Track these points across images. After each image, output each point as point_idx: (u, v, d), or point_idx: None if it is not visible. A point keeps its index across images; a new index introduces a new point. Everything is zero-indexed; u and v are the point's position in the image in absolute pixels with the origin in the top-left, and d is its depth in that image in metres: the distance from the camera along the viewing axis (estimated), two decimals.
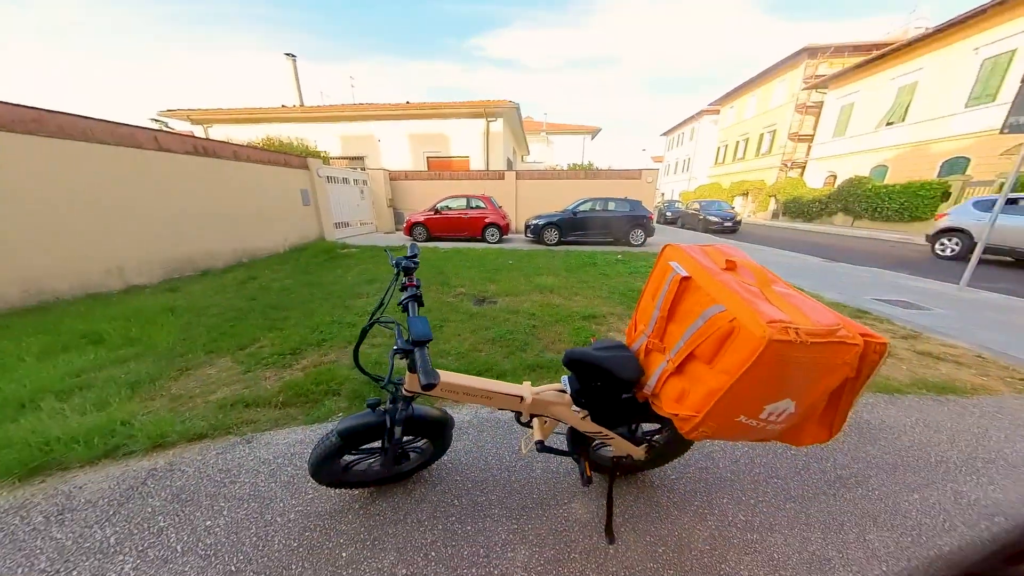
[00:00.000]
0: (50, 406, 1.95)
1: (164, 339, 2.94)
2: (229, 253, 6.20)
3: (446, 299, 4.21)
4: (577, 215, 9.31)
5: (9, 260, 3.58)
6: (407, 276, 1.20)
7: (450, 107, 12.77)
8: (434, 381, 0.84)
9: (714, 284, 0.89)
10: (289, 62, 15.42)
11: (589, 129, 27.09)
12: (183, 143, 5.40)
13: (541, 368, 2.50)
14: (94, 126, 4.24)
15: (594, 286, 4.88)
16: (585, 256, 7.19)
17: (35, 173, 3.77)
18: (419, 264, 1.24)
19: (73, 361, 2.49)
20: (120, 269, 4.60)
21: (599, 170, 12.17)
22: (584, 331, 3.21)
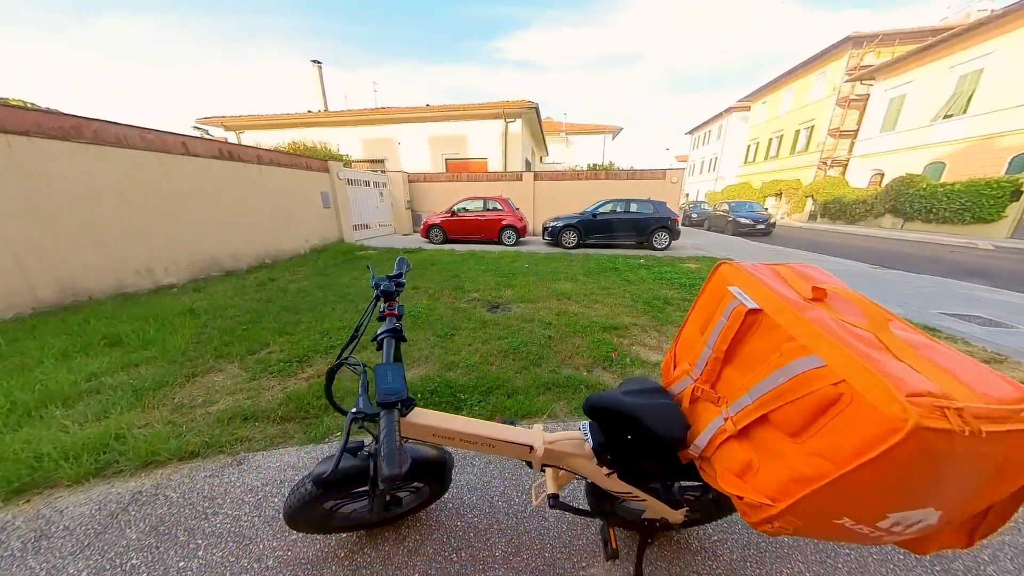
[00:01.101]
0: (53, 415, 1.92)
1: (178, 342, 2.93)
2: (253, 254, 6.34)
3: (459, 305, 4.05)
4: (597, 217, 8.97)
5: (46, 261, 3.74)
6: (387, 302, 0.92)
7: (469, 108, 12.74)
8: (398, 472, 0.59)
9: (801, 323, 0.64)
10: (315, 69, 15.94)
11: (610, 129, 26.46)
12: (209, 147, 5.56)
13: (557, 388, 2.27)
14: (126, 132, 4.40)
15: (615, 293, 4.58)
16: (605, 260, 6.86)
17: (71, 177, 3.93)
18: (404, 286, 0.97)
19: (88, 364, 2.50)
20: (150, 270, 4.76)
21: (620, 170, 11.73)
22: (605, 344, 2.94)
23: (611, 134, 26.52)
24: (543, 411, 2.03)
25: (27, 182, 3.62)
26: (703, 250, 8.90)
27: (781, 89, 23.33)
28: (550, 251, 8.30)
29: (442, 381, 2.29)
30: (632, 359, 2.68)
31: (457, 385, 2.25)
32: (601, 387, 2.27)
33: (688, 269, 6.11)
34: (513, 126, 12.86)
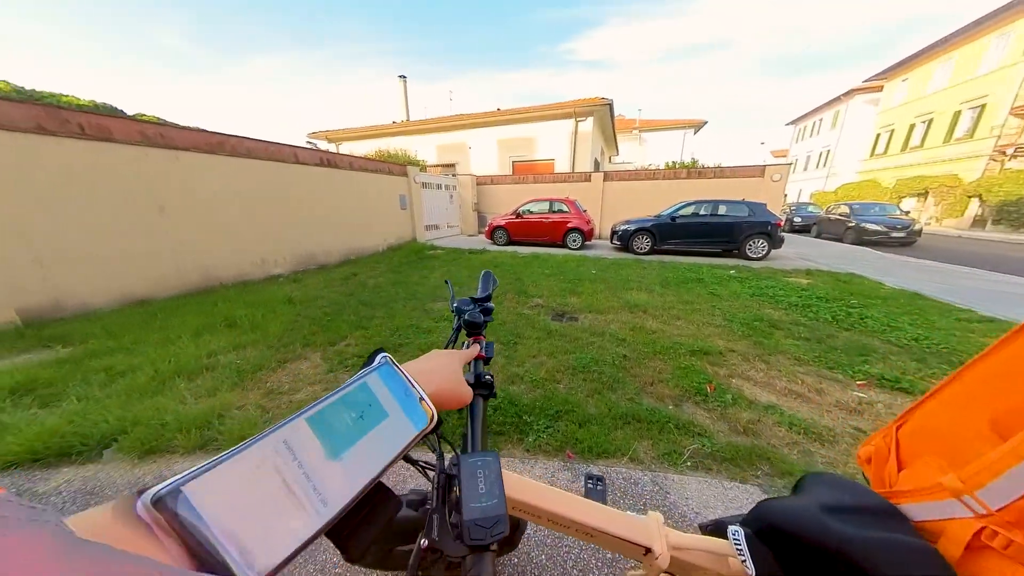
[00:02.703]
0: (178, 386, 2.24)
1: (277, 327, 3.30)
2: (341, 251, 7.10)
3: (522, 311, 3.88)
4: (676, 220, 8.04)
5: (193, 254, 4.61)
6: (471, 336, 0.63)
7: (539, 110, 12.63)
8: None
9: None
10: (401, 83, 17.53)
11: (691, 123, 23.95)
12: (313, 156, 6.35)
13: (638, 422, 1.92)
14: (254, 145, 5.23)
15: (701, 309, 3.93)
16: (686, 270, 6.05)
17: (214, 183, 4.80)
18: (493, 313, 0.67)
19: (211, 342, 2.93)
20: (264, 261, 5.60)
21: (706, 168, 10.40)
22: (695, 372, 2.46)
23: (692, 129, 24.02)
24: (622, 450, 1.71)
25: (186, 188, 4.49)
26: (813, 262, 7.34)
27: (933, 61, 18.40)
28: (619, 257, 7.69)
29: (506, 397, 2.12)
30: (734, 397, 2.17)
31: (522, 404, 2.06)
32: (695, 429, 1.85)
33: (797, 285, 5.02)
34: (584, 125, 12.38)
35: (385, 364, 0.33)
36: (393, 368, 0.34)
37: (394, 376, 0.33)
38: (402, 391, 0.33)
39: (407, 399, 0.32)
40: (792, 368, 2.57)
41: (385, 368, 0.33)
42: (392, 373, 0.33)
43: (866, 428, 1.89)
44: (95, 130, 3.70)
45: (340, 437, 0.27)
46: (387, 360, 0.34)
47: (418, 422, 0.32)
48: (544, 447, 1.73)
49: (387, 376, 0.33)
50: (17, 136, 3.25)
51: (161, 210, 4.29)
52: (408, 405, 0.32)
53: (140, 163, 4.07)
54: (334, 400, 0.28)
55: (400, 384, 0.33)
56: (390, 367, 0.33)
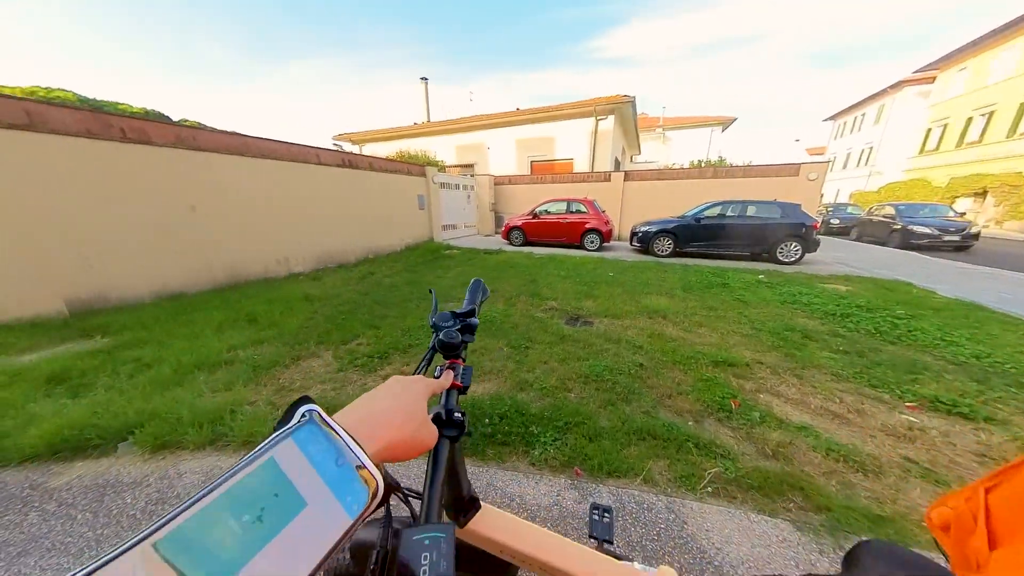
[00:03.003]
0: (197, 380, 2.31)
1: (293, 324, 3.37)
2: (360, 250, 7.25)
3: (535, 313, 3.78)
4: (701, 222, 7.68)
5: (219, 251, 4.81)
6: (448, 359, 0.52)
7: (559, 109, 12.46)
8: None
9: None
10: (423, 85, 17.81)
11: (719, 120, 22.96)
12: (335, 157, 6.52)
13: (653, 438, 1.79)
14: (277, 147, 5.41)
15: (727, 317, 3.69)
16: (710, 273, 5.75)
17: (240, 184, 4.99)
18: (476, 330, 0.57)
19: (232, 337, 3.03)
20: (286, 259, 5.78)
21: (734, 167, 9.90)
22: (718, 385, 2.28)
23: (721, 126, 23.04)
24: (635, 469, 1.59)
25: (216, 188, 4.70)
26: (853, 267, 6.81)
27: (996, 48, 16.72)
28: (639, 259, 7.43)
29: (513, 404, 2.04)
30: (762, 415, 1.99)
31: (530, 413, 1.97)
32: (718, 450, 1.70)
33: (834, 292, 4.65)
34: (604, 123, 12.10)
35: (308, 424, 0.24)
36: (318, 427, 0.24)
37: (320, 438, 0.24)
38: (331, 459, 0.23)
39: (340, 470, 0.23)
40: (829, 384, 2.34)
41: (307, 429, 0.24)
42: (316, 434, 0.24)
43: (918, 458, 1.67)
44: (134, 134, 3.93)
45: (220, 560, 0.17)
46: (312, 417, 0.24)
47: (355, 502, 0.22)
48: (551, 462, 1.64)
49: (308, 440, 0.23)
50: (68, 140, 3.49)
51: (192, 209, 4.50)
52: (341, 479, 0.23)
53: (174, 164, 4.29)
54: (212, 500, 0.19)
55: (329, 449, 0.23)
56: (314, 427, 0.24)
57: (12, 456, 1.69)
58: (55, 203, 3.44)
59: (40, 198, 3.35)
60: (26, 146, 3.24)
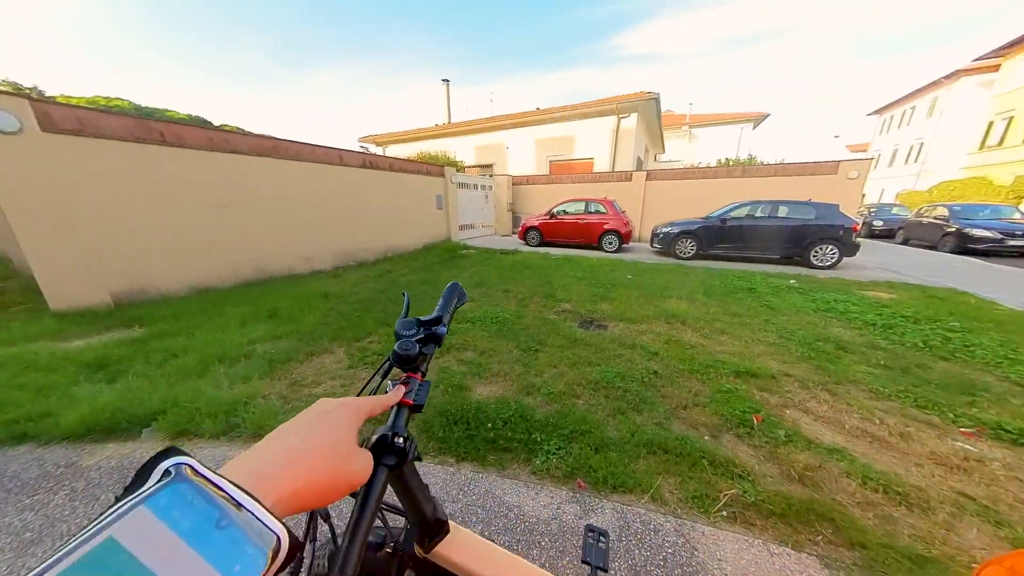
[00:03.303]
0: (218, 372, 2.41)
1: (310, 321, 3.47)
2: (379, 248, 7.42)
3: (547, 316, 3.71)
4: (727, 223, 7.31)
5: (247, 248, 5.05)
6: (407, 369, 0.46)
7: (580, 107, 12.26)
8: None
9: None
10: (444, 86, 18.06)
11: (750, 116, 21.86)
12: (357, 159, 6.70)
13: (665, 452, 1.68)
14: (303, 149, 5.62)
15: (752, 324, 3.47)
16: (736, 277, 5.45)
17: (268, 185, 5.22)
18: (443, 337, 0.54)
19: (253, 331, 3.15)
20: (309, 257, 6.00)
21: (765, 165, 9.37)
22: (739, 398, 2.13)
23: (751, 123, 21.94)
24: (643, 485, 1.50)
25: (245, 188, 4.94)
26: (898, 273, 6.25)
27: None
28: (659, 261, 7.16)
29: (518, 409, 1.99)
30: (789, 433, 1.83)
31: (534, 419, 1.91)
32: (736, 469, 1.57)
33: (875, 300, 4.27)
34: (627, 122, 11.79)
35: (172, 484, 0.18)
36: (189, 485, 0.18)
37: (191, 499, 0.18)
38: (209, 522, 0.18)
39: (223, 533, 0.18)
40: (867, 403, 2.13)
41: (170, 491, 0.18)
42: (186, 495, 0.18)
43: (975, 494, 1.48)
44: (172, 137, 4.19)
45: None
46: (178, 474, 0.19)
47: (247, 570, 0.18)
48: (553, 472, 1.57)
49: (173, 505, 0.18)
50: (115, 144, 3.77)
51: (223, 208, 4.75)
52: (224, 546, 0.18)
53: (208, 166, 4.54)
54: None
55: (205, 510, 0.18)
56: (182, 486, 0.18)
57: (54, 434, 1.82)
58: (104, 203, 3.72)
59: (91, 198, 3.63)
60: (79, 150, 3.52)
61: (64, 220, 3.46)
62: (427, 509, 0.48)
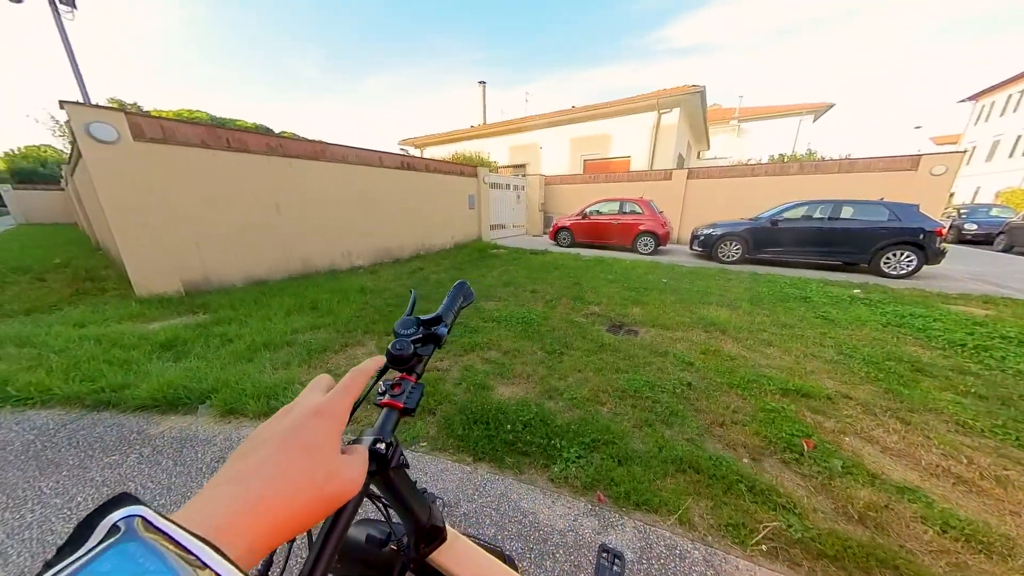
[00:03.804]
0: (263, 357, 2.62)
1: (347, 313, 3.67)
2: (413, 246, 7.70)
3: (575, 318, 3.61)
4: (778, 224, 6.68)
5: (296, 244, 5.47)
6: (402, 371, 0.44)
7: (617, 104, 11.86)
8: None
9: None
10: (480, 88, 18.37)
11: (810, 108, 19.81)
12: (395, 160, 7.00)
13: (696, 471, 1.55)
14: (347, 152, 5.98)
15: (805, 337, 3.12)
16: (788, 285, 4.95)
17: (314, 186, 5.61)
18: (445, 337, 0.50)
19: (296, 321, 3.40)
20: (349, 254, 6.37)
21: (827, 161, 8.43)
22: (786, 418, 1.92)
23: (812, 115, 19.91)
24: (669, 506, 1.39)
25: (295, 189, 5.35)
26: (997, 285, 5.32)
27: None
28: (699, 265, 6.71)
29: (539, 413, 1.94)
30: (847, 464, 1.61)
31: (555, 424, 1.85)
32: (779, 499, 1.41)
33: (965, 317, 3.66)
34: (668, 117, 11.22)
35: (120, 544, 0.15)
36: (141, 544, 0.15)
37: (144, 560, 0.15)
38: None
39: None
40: (952, 437, 1.82)
41: (115, 554, 0.15)
42: (137, 556, 0.15)
43: None
44: (237, 143, 4.64)
45: None
46: (129, 530, 0.16)
47: None
48: (572, 481, 1.51)
49: (119, 569, 0.14)
50: (189, 150, 4.25)
51: (277, 207, 5.18)
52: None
53: (266, 169, 4.97)
54: None
55: (158, 572, 0.14)
56: (133, 546, 0.15)
57: (130, 403, 2.08)
58: (179, 202, 4.21)
59: (169, 198, 4.12)
60: (161, 156, 4.01)
61: (148, 217, 3.96)
62: (421, 516, 0.47)
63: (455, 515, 1.35)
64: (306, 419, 0.26)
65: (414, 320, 0.50)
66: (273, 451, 0.24)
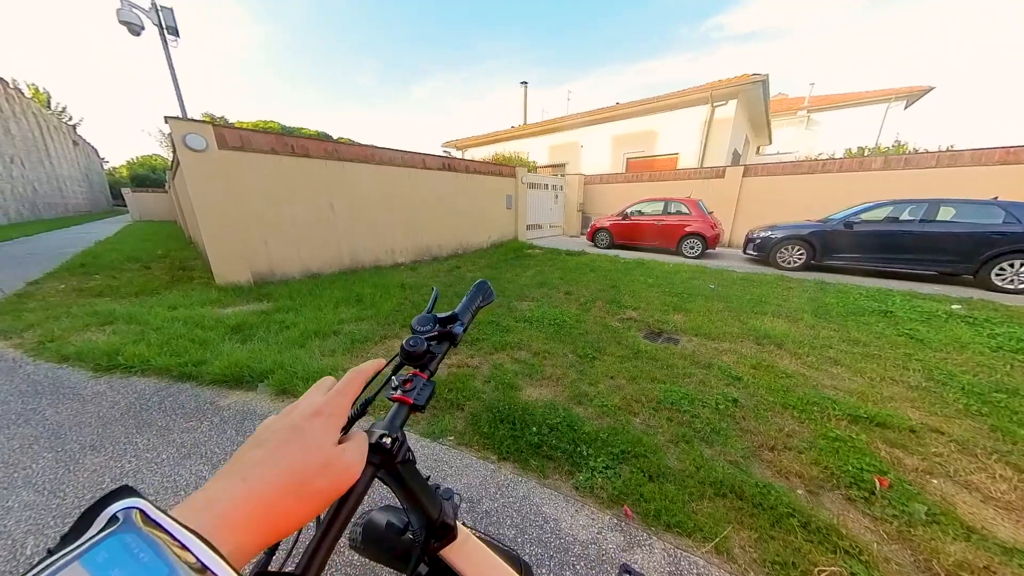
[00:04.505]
0: (313, 344, 2.86)
1: (388, 307, 3.88)
2: (452, 245, 7.95)
3: (610, 322, 3.48)
4: (854, 227, 5.88)
5: (346, 241, 5.90)
6: (416, 367, 0.45)
7: (665, 99, 11.23)
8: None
9: None
10: (522, 88, 18.43)
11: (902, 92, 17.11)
12: (437, 162, 7.27)
13: (741, 500, 1.40)
14: (393, 155, 6.33)
15: (883, 358, 2.71)
16: (863, 296, 4.33)
17: (363, 187, 6.01)
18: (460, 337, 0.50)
19: (342, 313, 3.67)
20: (392, 251, 6.74)
21: (922, 154, 7.23)
22: (854, 450, 1.67)
23: (902, 100, 17.23)
24: (705, 532, 1.27)
25: (347, 190, 5.78)
26: None
27: None
28: (754, 271, 6.13)
29: (567, 418, 1.89)
30: (933, 512, 1.36)
31: (583, 431, 1.79)
32: (842, 542, 1.23)
33: None
34: (723, 110, 10.39)
35: (116, 534, 0.16)
36: (138, 535, 0.16)
37: (140, 552, 0.15)
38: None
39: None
40: None
41: (112, 543, 0.15)
42: (133, 547, 0.15)
43: None
44: (300, 149, 5.12)
45: None
46: (127, 521, 0.16)
47: None
48: (598, 492, 1.45)
49: (116, 561, 0.15)
50: (261, 156, 4.78)
51: (331, 207, 5.64)
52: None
53: (323, 172, 5.43)
54: None
55: (154, 566, 0.15)
56: (130, 537, 0.16)
57: (206, 378, 2.38)
58: (250, 202, 4.75)
59: (242, 199, 4.67)
60: (238, 162, 4.55)
61: (227, 215, 4.52)
62: (431, 512, 0.47)
63: (476, 512, 1.36)
64: (305, 419, 0.28)
65: (432, 317, 0.51)
66: (273, 448, 0.25)
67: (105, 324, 3.25)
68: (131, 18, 6.74)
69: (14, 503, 1.41)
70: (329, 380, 0.36)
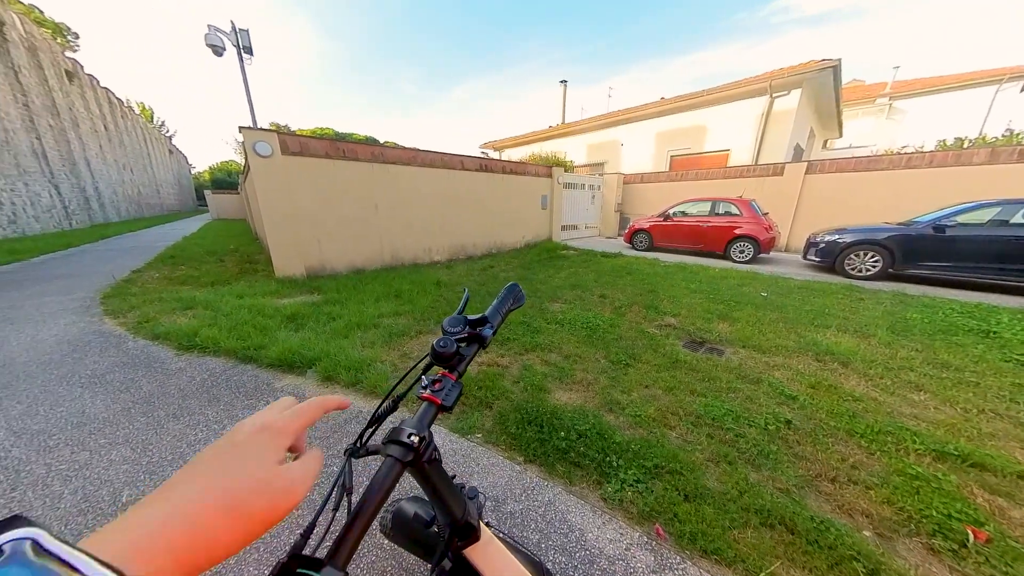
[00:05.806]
0: (356, 335, 3.05)
1: (424, 303, 4.04)
2: (487, 244, 8.08)
3: (646, 328, 3.32)
4: (945, 231, 5.06)
5: (388, 239, 6.23)
6: (445, 367, 0.46)
7: (717, 91, 10.47)
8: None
9: None
10: (562, 87, 18.22)
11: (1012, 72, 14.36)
12: (474, 163, 7.42)
13: (791, 533, 1.26)
14: (434, 157, 6.56)
15: (982, 386, 2.30)
16: (956, 312, 3.72)
17: (406, 188, 6.31)
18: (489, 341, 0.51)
19: (382, 307, 3.88)
20: (430, 249, 7.00)
21: None
22: (940, 492, 1.44)
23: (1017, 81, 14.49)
24: (747, 564, 1.16)
25: (390, 191, 6.10)
26: None
27: None
28: (815, 278, 5.51)
29: (597, 425, 1.84)
30: None
31: (613, 440, 1.73)
32: None
33: None
34: (784, 101, 9.47)
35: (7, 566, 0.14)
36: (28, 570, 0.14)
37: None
38: None
39: None
40: None
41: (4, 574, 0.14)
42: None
43: None
44: (349, 153, 5.50)
45: None
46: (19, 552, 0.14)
47: None
48: (628, 506, 1.39)
49: None
50: (316, 160, 5.20)
51: (376, 207, 5.98)
52: None
53: (368, 173, 5.78)
54: None
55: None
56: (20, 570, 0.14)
57: (264, 361, 2.64)
58: (305, 202, 5.19)
59: (299, 199, 5.11)
60: (297, 166, 4.99)
61: (286, 214, 4.98)
62: (456, 511, 0.47)
63: (501, 512, 1.37)
64: (247, 433, 0.26)
65: (462, 319, 0.51)
66: (204, 463, 0.23)
67: (187, 308, 3.73)
68: (215, 41, 7.68)
69: (116, 456, 1.66)
70: (288, 400, 0.33)
